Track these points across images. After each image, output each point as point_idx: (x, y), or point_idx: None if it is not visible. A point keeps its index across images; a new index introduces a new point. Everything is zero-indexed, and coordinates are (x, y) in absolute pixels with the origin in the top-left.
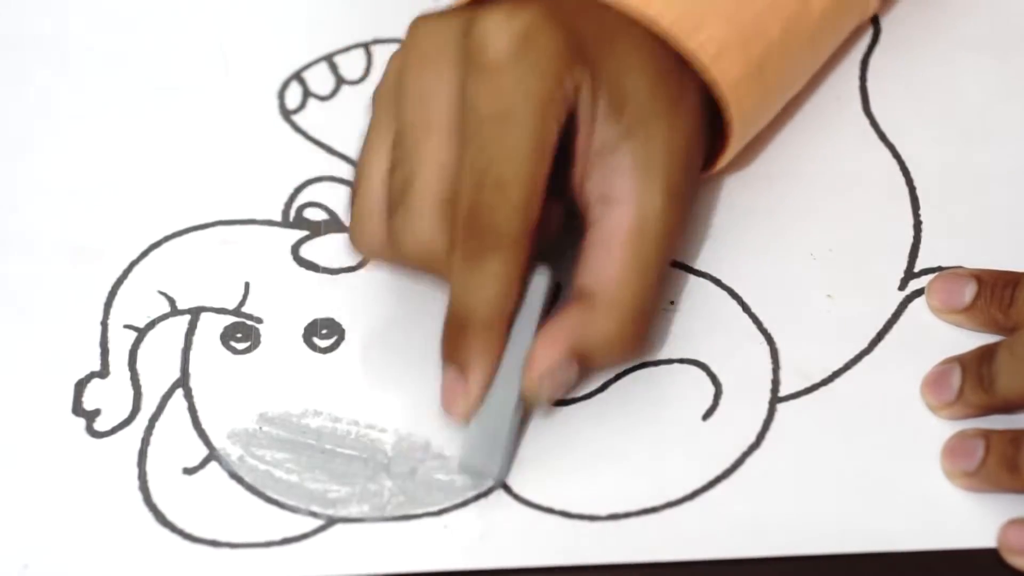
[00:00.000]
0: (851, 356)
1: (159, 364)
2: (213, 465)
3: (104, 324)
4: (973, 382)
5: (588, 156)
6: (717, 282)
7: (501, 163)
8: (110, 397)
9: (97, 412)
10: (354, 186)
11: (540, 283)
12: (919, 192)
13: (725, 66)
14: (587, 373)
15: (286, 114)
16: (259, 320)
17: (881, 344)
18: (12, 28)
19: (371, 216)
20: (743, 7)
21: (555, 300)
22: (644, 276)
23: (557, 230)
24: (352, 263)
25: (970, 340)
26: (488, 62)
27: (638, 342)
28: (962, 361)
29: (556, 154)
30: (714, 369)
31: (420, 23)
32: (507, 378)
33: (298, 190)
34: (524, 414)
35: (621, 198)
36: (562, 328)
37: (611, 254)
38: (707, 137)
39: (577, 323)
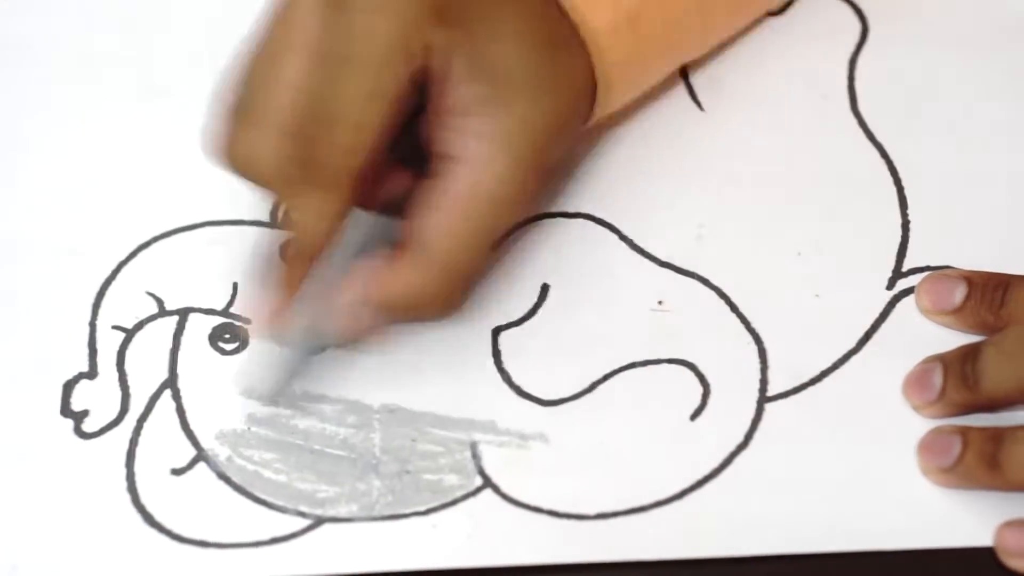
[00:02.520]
0: (839, 356)
1: (147, 365)
2: (201, 466)
3: (92, 325)
4: (956, 381)
5: (439, 114)
6: (705, 282)
7: (338, 103)
8: (98, 398)
9: (85, 413)
10: (235, 90)
11: (359, 226)
12: (907, 192)
13: (613, 43)
14: (390, 320)
15: None
16: (248, 321)
17: (869, 343)
18: (1, 29)
19: (225, 123)
20: None
21: None
22: (467, 238)
23: (403, 193)
24: None
25: (957, 340)
26: (351, 4)
27: (443, 301)
28: (944, 360)
29: (417, 112)
30: (702, 369)
31: None
32: (306, 310)
33: None
34: (317, 348)
35: (465, 159)
36: (371, 272)
37: (440, 210)
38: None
39: (388, 271)
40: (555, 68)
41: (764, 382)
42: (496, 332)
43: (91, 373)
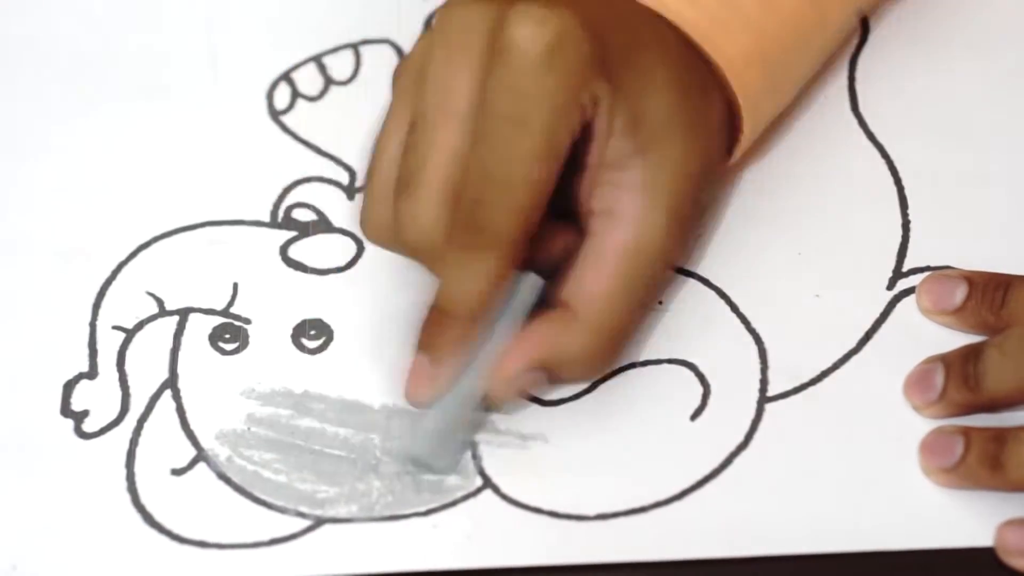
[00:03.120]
0: (839, 356)
1: (147, 365)
2: (201, 466)
3: (92, 325)
4: (958, 381)
5: (598, 169)
6: (705, 282)
7: (507, 164)
8: (98, 398)
9: (85, 413)
10: (369, 167)
11: (528, 288)
12: (907, 192)
13: (747, 80)
14: (555, 383)
15: (275, 115)
16: (247, 321)
17: (869, 344)
18: (1, 29)
19: (380, 199)
20: (768, 16)
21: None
22: (629, 296)
23: (563, 253)
24: (341, 263)
25: (958, 340)
26: (514, 63)
27: (609, 362)
28: (946, 360)
29: (568, 168)
30: (702, 369)
31: (452, 7)
32: (475, 374)
33: (286, 191)
34: (483, 414)
35: (623, 214)
36: (537, 335)
37: (601, 269)
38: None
39: (552, 333)
40: (700, 112)
41: (764, 382)
42: None
43: (91, 373)
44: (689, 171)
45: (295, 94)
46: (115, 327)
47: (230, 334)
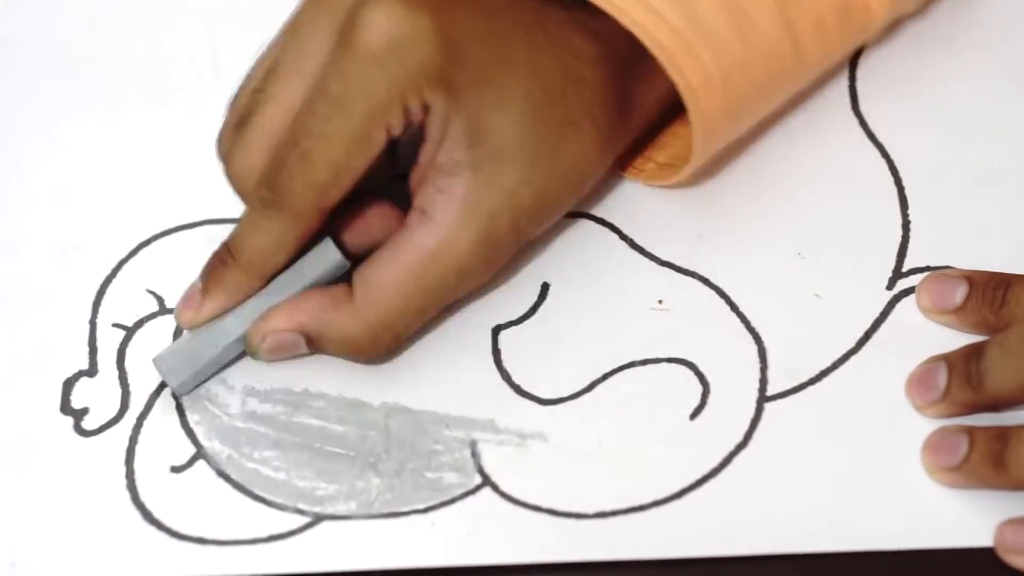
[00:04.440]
0: (839, 355)
1: (147, 363)
2: (201, 463)
3: (92, 323)
4: (961, 380)
5: (427, 168)
6: (705, 281)
7: (316, 139)
8: (98, 396)
9: (85, 411)
10: (234, 94)
11: (322, 258)
12: (907, 192)
13: (705, 102)
14: (318, 352)
15: None
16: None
17: (869, 343)
18: (2, 29)
19: (227, 125)
20: (739, 42)
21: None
22: (411, 299)
23: (381, 233)
24: None
25: (958, 340)
26: (351, 45)
27: (370, 354)
28: (948, 359)
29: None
30: (702, 368)
31: None
32: (240, 318)
33: None
34: (238, 355)
35: (434, 217)
36: (308, 302)
37: (394, 263)
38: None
39: (325, 307)
40: (550, 145)
41: (764, 382)
42: (496, 331)
43: (91, 371)
44: (518, 200)
45: None
46: (115, 325)
47: None
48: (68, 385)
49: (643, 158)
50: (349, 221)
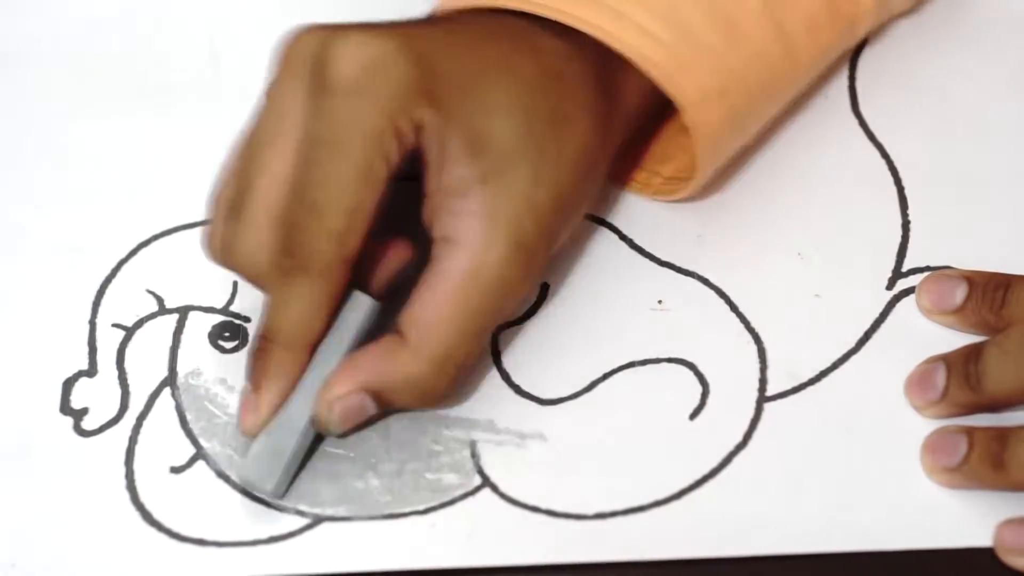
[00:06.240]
0: (838, 356)
1: (147, 363)
2: (200, 464)
3: (92, 323)
4: (959, 380)
5: (438, 195)
6: (705, 281)
7: (320, 188)
8: (98, 396)
9: (85, 411)
10: (214, 187)
11: (357, 309)
12: (907, 192)
13: (705, 117)
14: (388, 408)
15: None
16: (247, 319)
17: (868, 344)
18: (2, 29)
19: (218, 221)
20: (732, 52)
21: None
22: (463, 326)
23: (403, 267)
24: None
25: (958, 340)
26: (328, 86)
27: (440, 392)
28: (947, 360)
29: (416, 194)
30: (702, 368)
31: (291, 33)
32: (304, 399)
33: None
34: (317, 437)
35: (461, 241)
36: (365, 359)
37: (434, 296)
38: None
39: (381, 358)
40: (552, 141)
41: (763, 382)
42: (496, 331)
43: (91, 371)
44: (536, 200)
45: None
46: (115, 325)
47: (230, 332)
48: (68, 385)
49: (648, 172)
50: (362, 266)
